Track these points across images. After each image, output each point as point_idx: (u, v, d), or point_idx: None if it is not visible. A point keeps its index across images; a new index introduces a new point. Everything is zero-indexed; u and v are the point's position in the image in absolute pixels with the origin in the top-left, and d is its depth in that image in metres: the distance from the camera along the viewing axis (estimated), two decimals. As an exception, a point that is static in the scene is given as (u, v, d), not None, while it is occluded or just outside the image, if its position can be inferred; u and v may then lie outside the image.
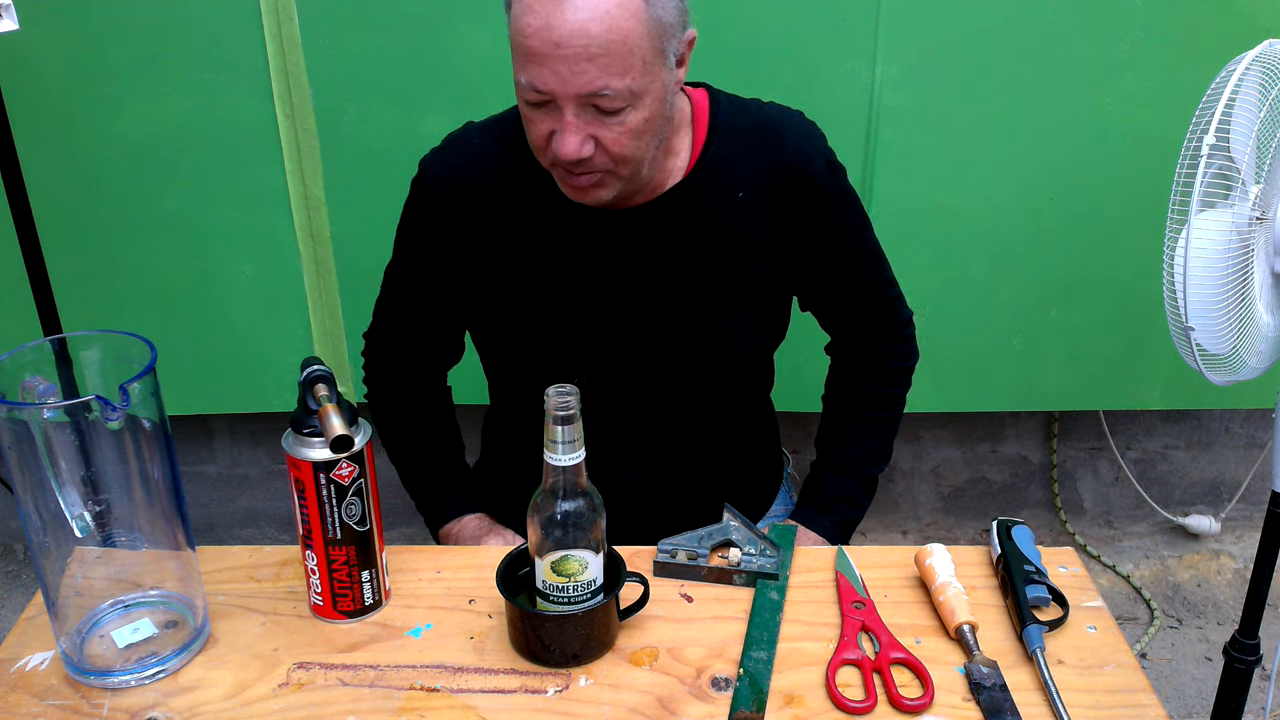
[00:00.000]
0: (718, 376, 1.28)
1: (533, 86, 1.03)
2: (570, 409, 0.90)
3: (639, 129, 1.07)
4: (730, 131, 1.20)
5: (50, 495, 0.91)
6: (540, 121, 1.07)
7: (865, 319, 1.34)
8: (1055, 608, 1.04)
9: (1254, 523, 2.47)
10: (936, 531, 2.50)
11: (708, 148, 1.19)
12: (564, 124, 1.04)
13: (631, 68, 1.02)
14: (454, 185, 1.22)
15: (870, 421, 1.37)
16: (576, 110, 1.04)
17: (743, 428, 1.38)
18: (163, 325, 1.97)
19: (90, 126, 1.84)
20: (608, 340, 1.24)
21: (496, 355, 1.33)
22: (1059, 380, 2.08)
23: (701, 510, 1.21)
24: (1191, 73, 1.54)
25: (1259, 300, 1.27)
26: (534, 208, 1.21)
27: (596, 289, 1.22)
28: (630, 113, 1.05)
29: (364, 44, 1.79)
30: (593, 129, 1.05)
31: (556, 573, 0.96)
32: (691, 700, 0.94)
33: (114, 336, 0.94)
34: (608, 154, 1.07)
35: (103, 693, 0.95)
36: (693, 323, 1.23)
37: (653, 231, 1.20)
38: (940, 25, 1.78)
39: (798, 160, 1.20)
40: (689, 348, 1.24)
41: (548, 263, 1.22)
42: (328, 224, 1.93)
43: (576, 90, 1.02)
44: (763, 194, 1.20)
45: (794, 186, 1.20)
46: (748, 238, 1.21)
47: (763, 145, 1.20)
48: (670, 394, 1.27)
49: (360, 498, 0.99)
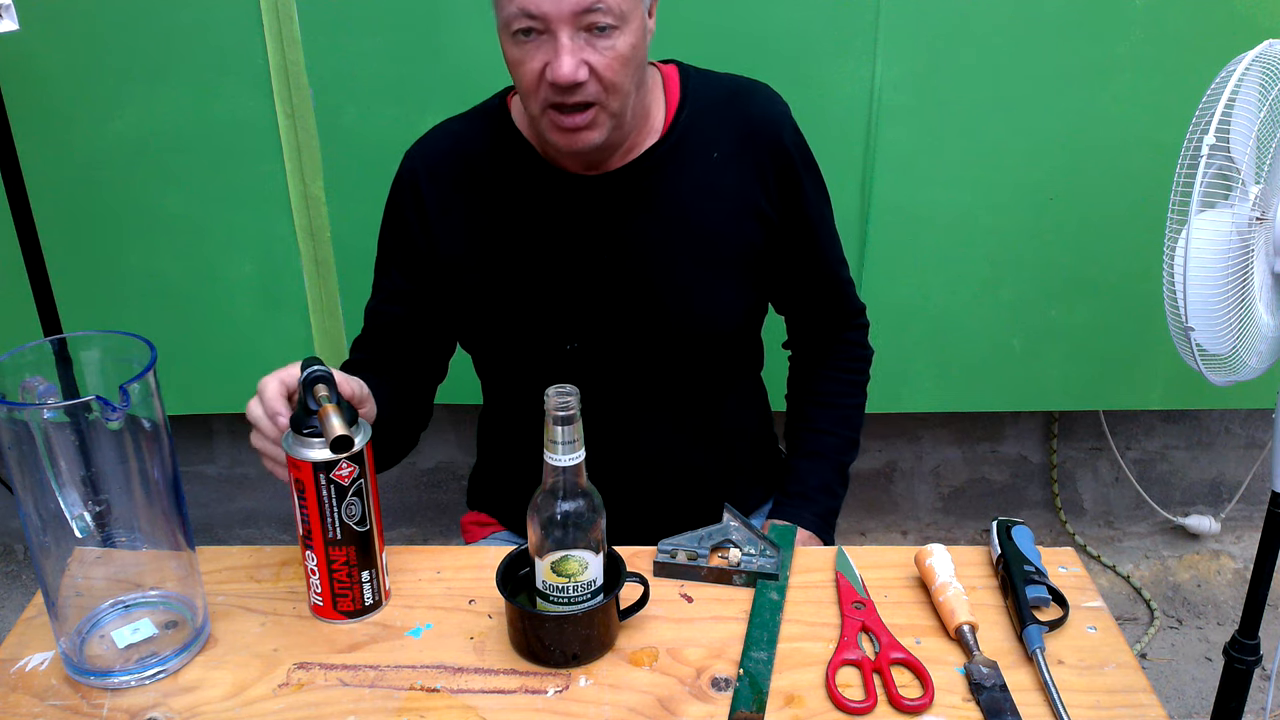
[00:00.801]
0: (705, 340, 1.28)
1: (525, 11, 1.06)
2: (570, 409, 0.90)
3: (627, 55, 1.10)
4: (701, 98, 1.24)
5: (50, 495, 0.91)
6: (531, 57, 1.09)
7: (824, 301, 1.36)
8: (1055, 608, 1.04)
9: (1254, 523, 2.47)
10: (936, 532, 2.51)
11: (680, 112, 1.23)
12: (558, 47, 1.07)
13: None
14: (435, 164, 1.25)
15: (838, 408, 1.38)
16: (570, 33, 1.07)
17: (735, 403, 1.37)
18: (163, 325, 1.97)
19: (90, 126, 1.84)
20: (594, 306, 1.25)
21: (486, 335, 1.31)
22: (1059, 380, 2.08)
23: (701, 513, 1.21)
24: (1191, 73, 1.55)
25: (1259, 300, 1.27)
26: (514, 178, 1.24)
27: (580, 255, 1.24)
28: (619, 35, 1.09)
29: (364, 44, 1.79)
30: (585, 54, 1.08)
31: (556, 573, 0.96)
32: (691, 700, 0.94)
33: (114, 336, 0.94)
34: (599, 81, 1.10)
35: (103, 693, 0.95)
36: (677, 283, 1.24)
37: (632, 194, 1.22)
38: (940, 25, 1.78)
39: (766, 122, 1.24)
40: (675, 309, 1.25)
41: (530, 232, 1.24)
42: (328, 224, 1.93)
43: (572, 6, 1.05)
44: (737, 153, 1.23)
45: (764, 146, 1.23)
46: (727, 196, 1.24)
47: (732, 107, 1.24)
48: (660, 360, 1.28)
49: (360, 498, 0.99)
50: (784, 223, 1.27)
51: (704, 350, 1.29)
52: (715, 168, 1.23)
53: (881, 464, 2.45)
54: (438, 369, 1.37)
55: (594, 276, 1.24)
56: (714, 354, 1.30)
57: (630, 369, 1.27)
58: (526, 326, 1.26)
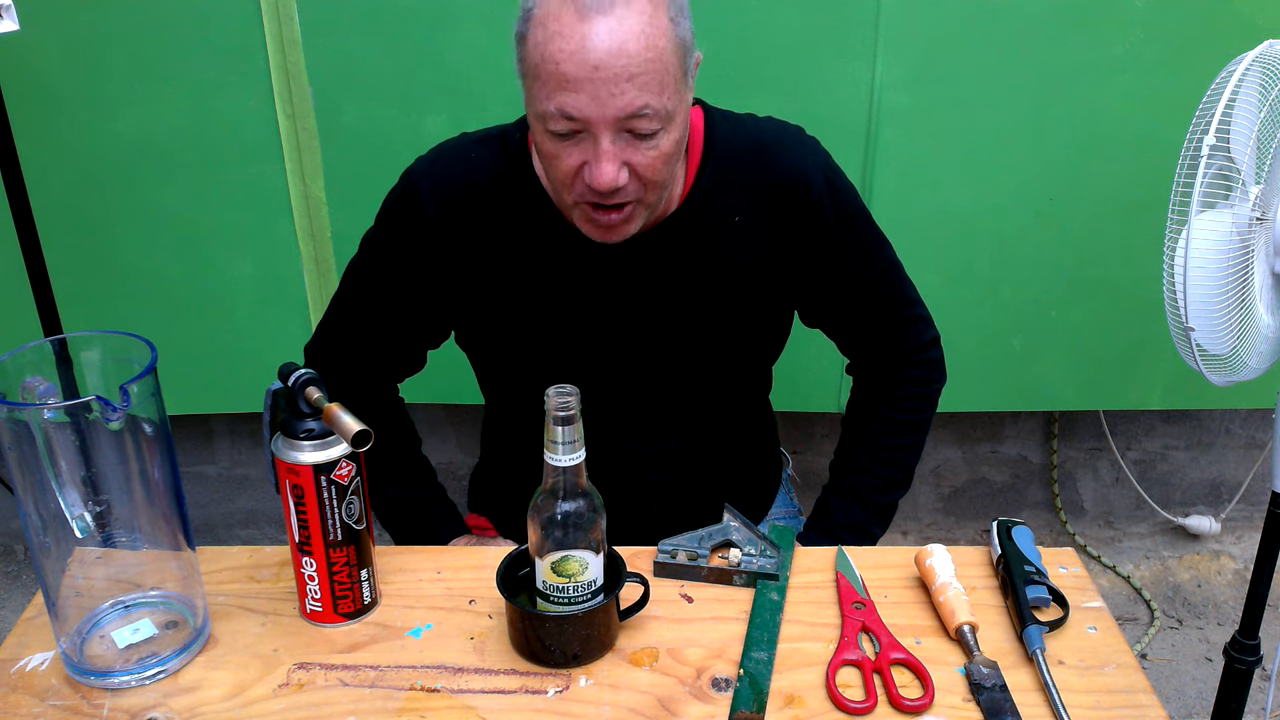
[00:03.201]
0: (714, 394, 1.28)
1: (564, 114, 0.99)
2: (570, 409, 0.90)
3: (670, 152, 1.04)
4: (725, 152, 1.17)
5: (50, 496, 0.91)
6: (568, 155, 1.03)
7: (879, 340, 1.31)
8: (1055, 608, 1.04)
9: (1254, 523, 2.47)
10: (937, 532, 2.51)
11: (702, 171, 1.16)
12: (599, 152, 1.01)
13: (667, 86, 1.00)
14: (450, 197, 1.17)
15: (883, 449, 1.33)
16: (613, 137, 1.01)
17: (740, 432, 1.37)
18: (163, 325, 1.97)
19: (90, 126, 1.84)
20: (603, 364, 1.23)
21: (491, 372, 1.31)
22: (1059, 380, 2.08)
23: (701, 513, 1.21)
24: (1191, 73, 1.55)
25: (1259, 301, 1.27)
26: (531, 229, 1.18)
27: (591, 312, 1.20)
28: (663, 135, 1.02)
29: (364, 44, 1.79)
30: (626, 155, 1.02)
31: (557, 573, 0.96)
32: (692, 701, 0.94)
33: (114, 337, 0.94)
34: (640, 180, 1.04)
35: (103, 693, 0.95)
36: (688, 347, 1.22)
37: (649, 258, 1.18)
38: (940, 26, 1.78)
39: (793, 177, 1.17)
40: (685, 371, 1.24)
41: (543, 286, 1.19)
42: (328, 224, 1.93)
43: (616, 112, 0.98)
44: (759, 216, 1.18)
45: (790, 204, 1.17)
46: (745, 263, 1.19)
47: (758, 165, 1.17)
48: (667, 410, 1.27)
49: (359, 496, 0.99)
50: (816, 275, 1.22)
51: (711, 398, 1.28)
52: (735, 231, 1.18)
53: (881, 464, 2.45)
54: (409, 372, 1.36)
55: (602, 337, 1.21)
56: (721, 399, 1.29)
57: (635, 417, 1.26)
58: (531, 376, 1.22)
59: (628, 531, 1.14)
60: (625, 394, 1.24)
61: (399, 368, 1.34)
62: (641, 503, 1.28)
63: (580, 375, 1.21)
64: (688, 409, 1.27)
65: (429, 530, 1.32)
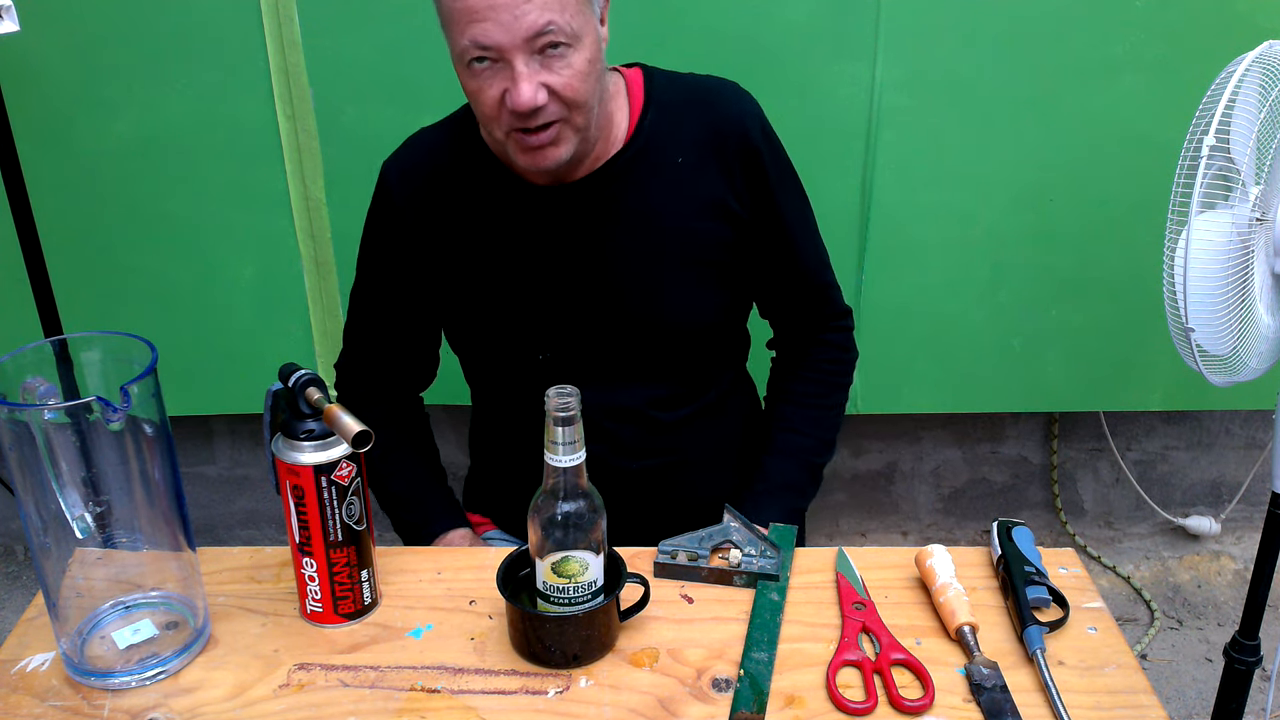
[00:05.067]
0: (679, 340, 1.28)
1: (477, 43, 1.05)
2: (570, 410, 0.90)
3: (584, 70, 1.09)
4: (665, 101, 1.23)
5: (51, 496, 0.91)
6: (489, 85, 1.09)
7: (802, 301, 1.35)
8: (1056, 609, 1.04)
9: (1254, 524, 2.47)
10: (937, 532, 2.51)
11: (644, 117, 1.22)
12: (515, 74, 1.06)
13: (567, 6, 1.06)
14: (411, 178, 1.26)
15: (813, 408, 1.36)
16: (525, 59, 1.06)
17: (719, 395, 1.36)
18: (163, 325, 1.97)
19: (90, 127, 1.84)
20: (567, 315, 1.25)
21: (464, 345, 1.33)
22: (1059, 381, 2.08)
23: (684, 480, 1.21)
24: (1191, 73, 1.54)
25: (1259, 301, 1.28)
26: (484, 190, 1.24)
27: (549, 265, 1.24)
28: (574, 53, 1.08)
29: (364, 44, 1.79)
30: (541, 76, 1.07)
31: (557, 574, 0.96)
32: (692, 701, 0.94)
33: (115, 337, 0.94)
34: (560, 99, 1.09)
35: (103, 694, 0.95)
36: (646, 288, 1.24)
37: (597, 203, 1.22)
38: (940, 27, 1.78)
39: (733, 122, 1.22)
40: (645, 314, 1.25)
41: (500, 243, 1.24)
42: (328, 224, 1.93)
43: (524, 33, 1.04)
44: (702, 156, 1.22)
45: (731, 145, 1.22)
46: (693, 200, 1.23)
47: (697, 108, 1.23)
48: (636, 362, 1.27)
49: (359, 497, 0.99)
50: (755, 220, 1.26)
51: (679, 350, 1.29)
52: (680, 171, 1.22)
53: (882, 465, 2.45)
54: (427, 375, 1.41)
55: (563, 287, 1.24)
56: (690, 352, 1.30)
57: (606, 373, 1.27)
58: (500, 339, 1.27)
59: (626, 528, 1.13)
60: (591, 344, 1.26)
61: (418, 367, 1.40)
62: (619, 464, 1.28)
63: (546, 328, 1.25)
64: (656, 358, 1.28)
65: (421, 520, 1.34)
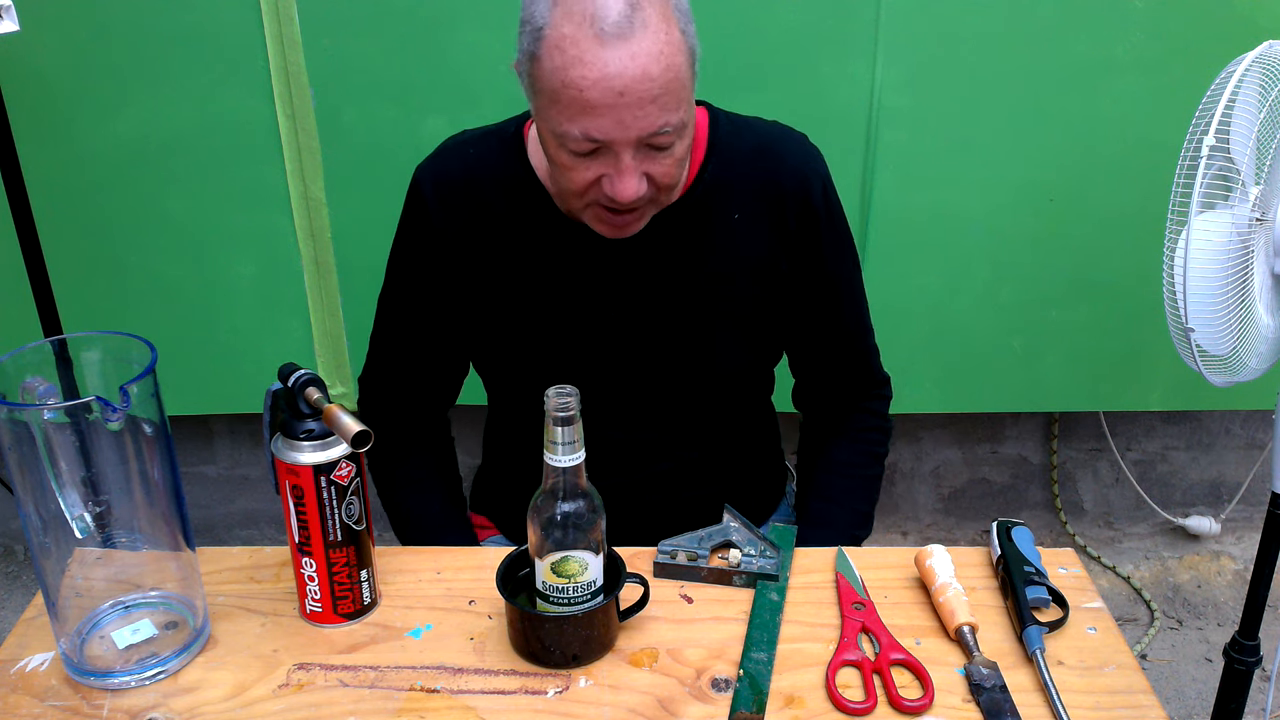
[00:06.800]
0: (714, 391, 1.28)
1: (588, 137, 1.01)
2: (570, 410, 0.90)
3: (683, 156, 1.07)
4: (728, 150, 1.19)
5: (50, 496, 0.91)
6: (586, 169, 1.04)
7: (844, 366, 1.31)
8: (1055, 609, 1.04)
9: (1254, 524, 2.47)
10: (936, 532, 2.51)
11: (705, 167, 1.18)
12: (621, 167, 1.03)
13: (683, 101, 1.02)
14: (448, 190, 1.20)
15: (853, 479, 1.32)
16: (633, 153, 1.02)
17: (742, 433, 1.37)
18: (163, 325, 1.97)
19: (90, 127, 1.84)
20: (604, 356, 1.23)
21: (492, 369, 1.31)
22: (1059, 381, 2.08)
23: (702, 510, 1.21)
24: (1191, 73, 1.55)
25: (1259, 301, 1.28)
26: (529, 223, 1.19)
27: (592, 306, 1.21)
28: (678, 143, 1.05)
29: (364, 44, 1.79)
30: (645, 167, 1.04)
31: (556, 574, 0.96)
32: (691, 701, 0.94)
33: (114, 337, 0.94)
34: (656, 187, 1.06)
35: (103, 694, 0.95)
36: (688, 340, 1.22)
37: (650, 250, 1.19)
38: (940, 26, 1.78)
39: (795, 181, 1.18)
40: (685, 364, 1.24)
41: (542, 279, 1.21)
42: (328, 224, 1.93)
43: (639, 133, 1.00)
44: (758, 210, 1.19)
45: (790, 206, 1.19)
46: (744, 257, 1.20)
47: (760, 165, 1.19)
48: (667, 405, 1.27)
49: (359, 496, 0.99)
50: (802, 280, 1.23)
51: (711, 395, 1.28)
52: (736, 227, 1.19)
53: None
54: (453, 394, 1.38)
55: (604, 327, 1.22)
56: (722, 397, 1.29)
57: (636, 411, 1.26)
58: (532, 375, 1.23)
59: (629, 526, 1.14)
60: (625, 385, 1.25)
61: (444, 386, 1.36)
62: (643, 496, 1.28)
63: (580, 366, 1.22)
64: (687, 401, 1.27)
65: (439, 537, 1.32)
